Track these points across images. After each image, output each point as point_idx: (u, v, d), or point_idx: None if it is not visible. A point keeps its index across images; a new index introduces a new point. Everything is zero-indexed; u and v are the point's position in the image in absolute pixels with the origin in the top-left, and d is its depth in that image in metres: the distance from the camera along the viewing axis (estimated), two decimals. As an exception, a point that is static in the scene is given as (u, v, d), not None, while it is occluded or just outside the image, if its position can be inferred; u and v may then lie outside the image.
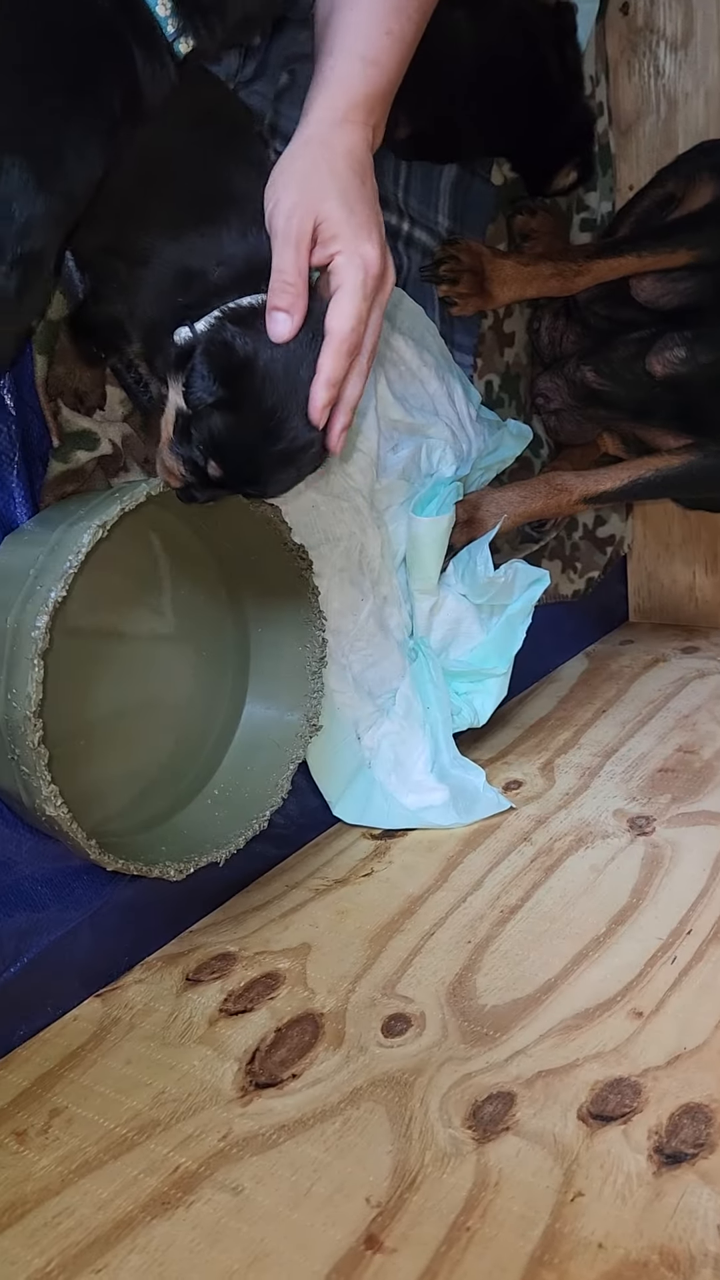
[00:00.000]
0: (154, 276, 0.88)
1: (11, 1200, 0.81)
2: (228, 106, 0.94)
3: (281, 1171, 0.81)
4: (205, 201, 0.88)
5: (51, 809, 0.89)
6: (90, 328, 0.97)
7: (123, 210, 0.87)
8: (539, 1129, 0.81)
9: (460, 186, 1.47)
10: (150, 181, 0.87)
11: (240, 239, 0.88)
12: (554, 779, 1.40)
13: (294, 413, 0.86)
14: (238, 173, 0.90)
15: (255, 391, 0.84)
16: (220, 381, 0.83)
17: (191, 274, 0.87)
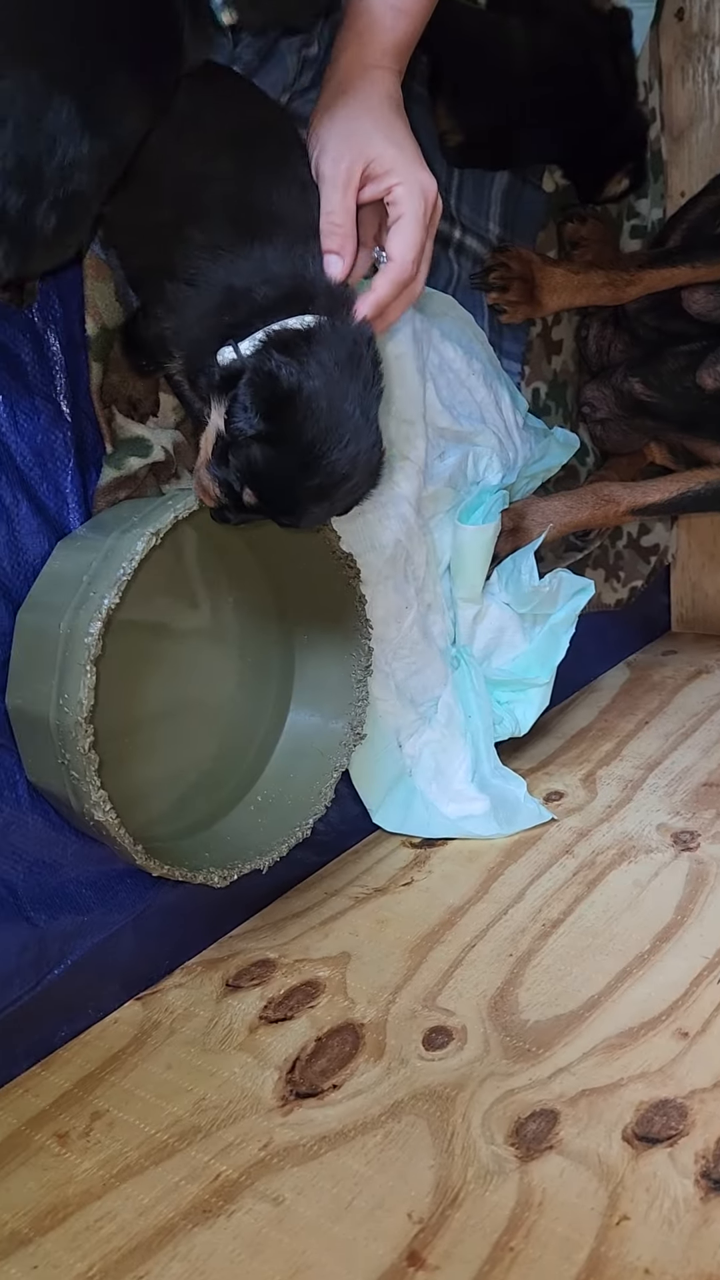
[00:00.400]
0: (200, 296, 0.88)
1: (54, 1203, 0.82)
2: (274, 124, 0.93)
3: (323, 1183, 0.81)
4: (250, 221, 0.87)
5: (100, 814, 0.89)
6: (138, 342, 0.97)
7: (170, 232, 0.87)
8: (583, 1149, 0.81)
9: (511, 193, 1.46)
10: (196, 203, 0.87)
11: (285, 257, 0.88)
12: (596, 791, 1.39)
13: (334, 447, 0.84)
14: (282, 192, 0.90)
15: (297, 425, 0.83)
16: (262, 414, 0.82)
17: (236, 294, 0.86)
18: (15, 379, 0.94)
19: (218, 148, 0.87)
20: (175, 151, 0.86)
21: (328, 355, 0.84)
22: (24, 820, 0.97)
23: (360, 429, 0.86)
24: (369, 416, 0.87)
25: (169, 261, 0.88)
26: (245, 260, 0.87)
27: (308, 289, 0.87)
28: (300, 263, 0.88)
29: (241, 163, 0.88)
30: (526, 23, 1.30)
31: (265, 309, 0.86)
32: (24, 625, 0.95)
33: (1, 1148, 0.88)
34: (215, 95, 0.89)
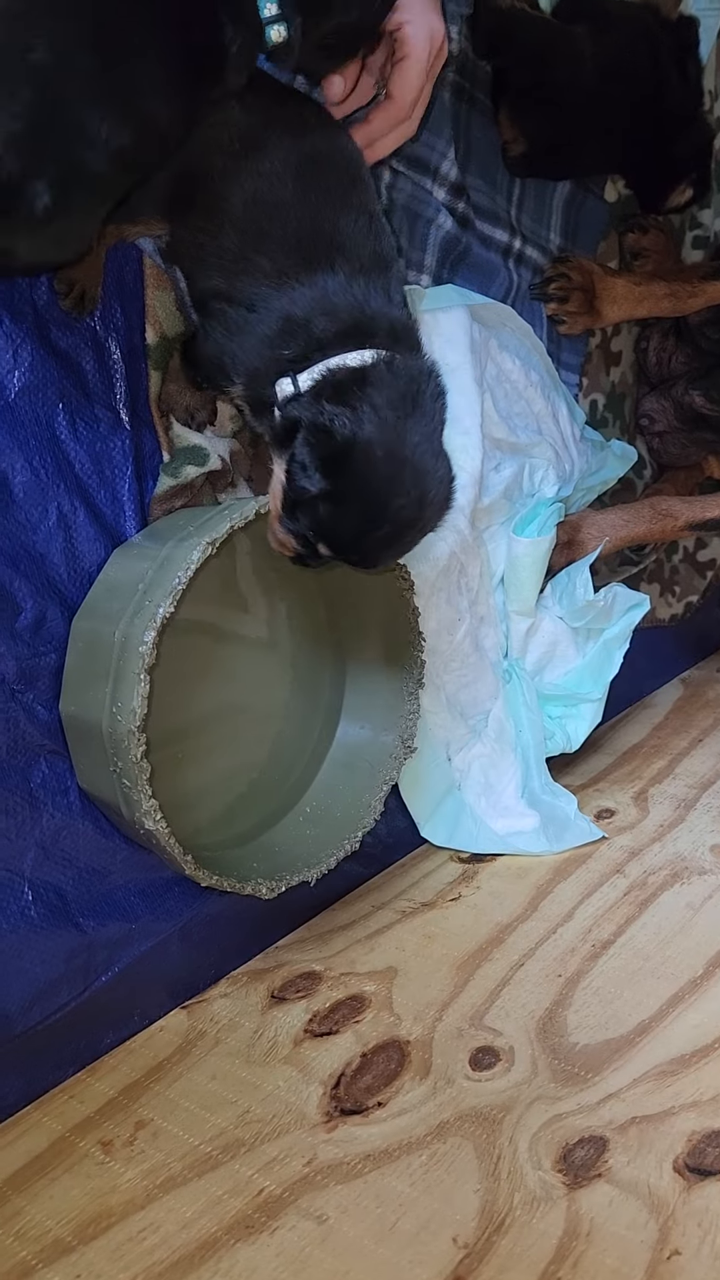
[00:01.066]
0: (260, 324, 0.87)
1: (97, 1212, 0.82)
2: (339, 151, 0.92)
3: (366, 1203, 0.80)
4: (312, 249, 0.87)
5: (150, 823, 0.89)
6: (197, 361, 0.97)
7: (232, 259, 0.87)
8: (633, 1179, 0.79)
9: (573, 203, 1.45)
10: (259, 231, 0.87)
11: (346, 288, 0.87)
12: (648, 809, 1.37)
13: (397, 495, 0.84)
14: (347, 220, 0.89)
15: (357, 480, 0.82)
16: (322, 472, 0.81)
17: (295, 324, 0.86)
18: (76, 387, 0.95)
19: (284, 174, 0.87)
20: (241, 176, 0.86)
21: (383, 398, 0.83)
22: (75, 826, 0.97)
23: (423, 470, 0.85)
24: (434, 452, 0.86)
25: (232, 288, 0.88)
26: (307, 289, 0.86)
27: (368, 323, 0.86)
28: (363, 295, 0.87)
29: (306, 189, 0.88)
30: (592, 31, 1.29)
31: (323, 342, 0.85)
32: (79, 632, 0.95)
33: (46, 1153, 0.89)
34: (282, 119, 0.89)
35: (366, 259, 0.88)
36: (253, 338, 0.88)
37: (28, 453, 0.92)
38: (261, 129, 0.87)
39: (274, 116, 0.88)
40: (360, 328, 0.86)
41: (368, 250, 0.89)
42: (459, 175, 1.25)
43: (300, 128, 0.89)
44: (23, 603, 0.93)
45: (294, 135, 0.88)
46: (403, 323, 0.89)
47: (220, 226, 0.87)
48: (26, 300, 0.90)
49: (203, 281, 0.90)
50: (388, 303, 0.89)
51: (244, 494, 1.08)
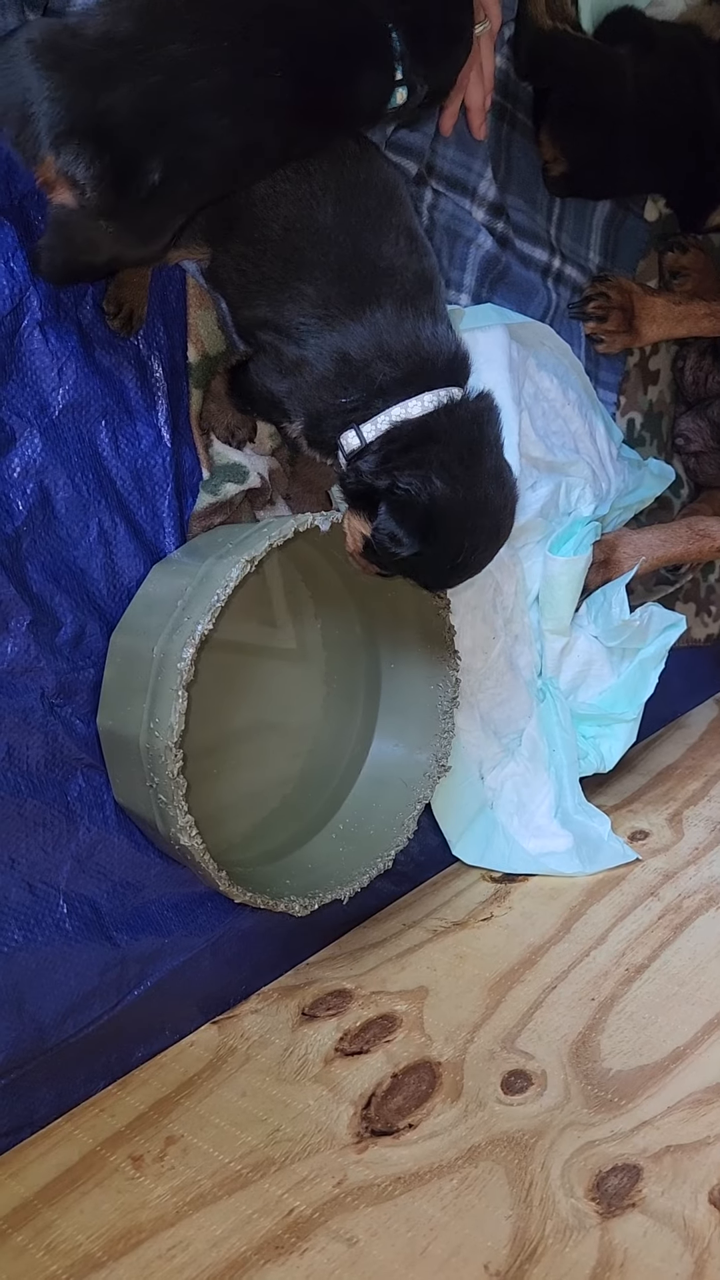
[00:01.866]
0: (315, 366, 0.89)
1: (127, 1227, 0.82)
2: (378, 172, 0.92)
3: (397, 1226, 0.79)
4: (356, 277, 0.88)
5: (186, 839, 0.90)
6: (247, 394, 0.99)
7: (277, 286, 0.88)
8: (667, 1209, 0.78)
9: (613, 222, 1.45)
10: (301, 258, 0.87)
11: (397, 326, 0.88)
12: (682, 831, 1.36)
13: (475, 535, 0.91)
14: (388, 243, 0.90)
15: (441, 535, 0.88)
16: (413, 538, 0.87)
17: (353, 368, 0.88)
18: (119, 404, 0.96)
19: (322, 199, 0.88)
20: (280, 201, 0.87)
21: (450, 453, 0.88)
22: (111, 840, 0.98)
23: (494, 506, 0.92)
24: (499, 481, 0.92)
25: (279, 316, 0.89)
26: (359, 325, 0.87)
27: (427, 366, 0.89)
28: (414, 331, 0.89)
29: (346, 214, 0.88)
30: (635, 52, 1.29)
31: (384, 389, 0.88)
32: (117, 647, 0.96)
33: (77, 1167, 0.89)
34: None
35: (410, 282, 0.89)
36: (309, 380, 0.89)
37: (70, 469, 0.93)
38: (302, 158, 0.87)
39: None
40: (419, 371, 0.88)
41: (411, 272, 0.89)
42: (498, 195, 1.25)
43: (337, 150, 0.90)
44: (63, 617, 0.94)
45: (331, 159, 0.89)
46: (453, 354, 0.91)
47: (262, 253, 0.88)
48: (72, 319, 0.92)
49: (247, 310, 0.91)
50: (435, 330, 0.90)
51: (282, 511, 1.09)
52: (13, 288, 0.87)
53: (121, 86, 0.72)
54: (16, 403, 0.89)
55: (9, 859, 0.91)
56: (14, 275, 0.87)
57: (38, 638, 0.92)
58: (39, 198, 0.87)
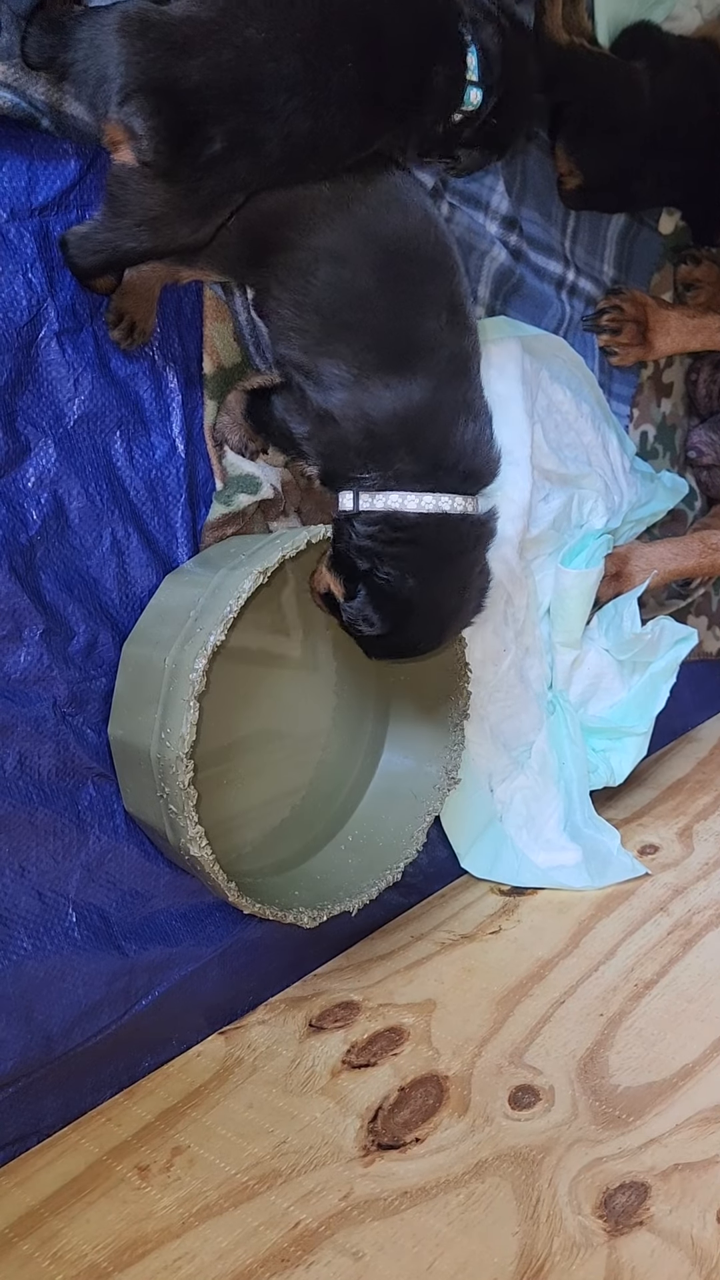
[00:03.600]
0: (340, 424, 0.90)
1: (133, 1238, 0.82)
2: (428, 240, 0.92)
3: (403, 1241, 0.79)
4: (391, 345, 0.89)
5: (196, 849, 0.90)
6: (265, 424, 1.00)
7: (315, 340, 0.90)
8: (675, 1228, 0.77)
9: (627, 235, 1.45)
10: (340, 320, 0.89)
11: (431, 415, 0.90)
12: (692, 846, 1.35)
13: (425, 633, 0.97)
14: (429, 317, 0.90)
15: (410, 626, 0.95)
16: (381, 620, 0.92)
17: (375, 442, 0.90)
18: (134, 415, 0.96)
19: (365, 261, 0.88)
20: (322, 258, 0.88)
21: (429, 559, 0.93)
22: (120, 850, 0.98)
23: (449, 611, 0.97)
24: (469, 585, 0.97)
25: (312, 364, 0.90)
26: (389, 392, 0.89)
27: (444, 468, 0.92)
28: (447, 427, 0.91)
29: (388, 280, 0.89)
30: (650, 66, 1.29)
31: (398, 477, 0.91)
32: (129, 657, 0.96)
33: (84, 1176, 0.89)
34: (373, 195, 0.90)
35: (446, 363, 0.90)
36: (331, 437, 0.92)
37: (84, 479, 0.94)
38: (346, 207, 0.88)
39: (359, 192, 0.89)
40: (434, 470, 0.91)
41: (448, 350, 0.91)
42: (511, 208, 1.26)
43: (388, 205, 0.90)
44: (75, 627, 0.94)
45: (382, 219, 0.89)
46: (475, 463, 0.94)
47: (301, 304, 0.89)
48: (88, 330, 0.92)
49: (283, 347, 0.93)
50: (465, 432, 0.92)
51: (295, 523, 1.09)
52: (30, 299, 0.87)
53: (196, 58, 0.76)
54: (32, 413, 0.90)
55: (19, 867, 0.91)
56: (32, 287, 0.87)
57: (50, 647, 0.92)
58: (58, 209, 0.88)
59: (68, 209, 0.88)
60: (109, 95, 0.76)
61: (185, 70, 0.76)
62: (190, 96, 0.76)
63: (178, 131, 0.77)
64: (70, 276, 0.89)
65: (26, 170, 0.86)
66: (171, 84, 0.76)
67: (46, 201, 0.87)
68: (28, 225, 0.86)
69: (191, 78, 0.76)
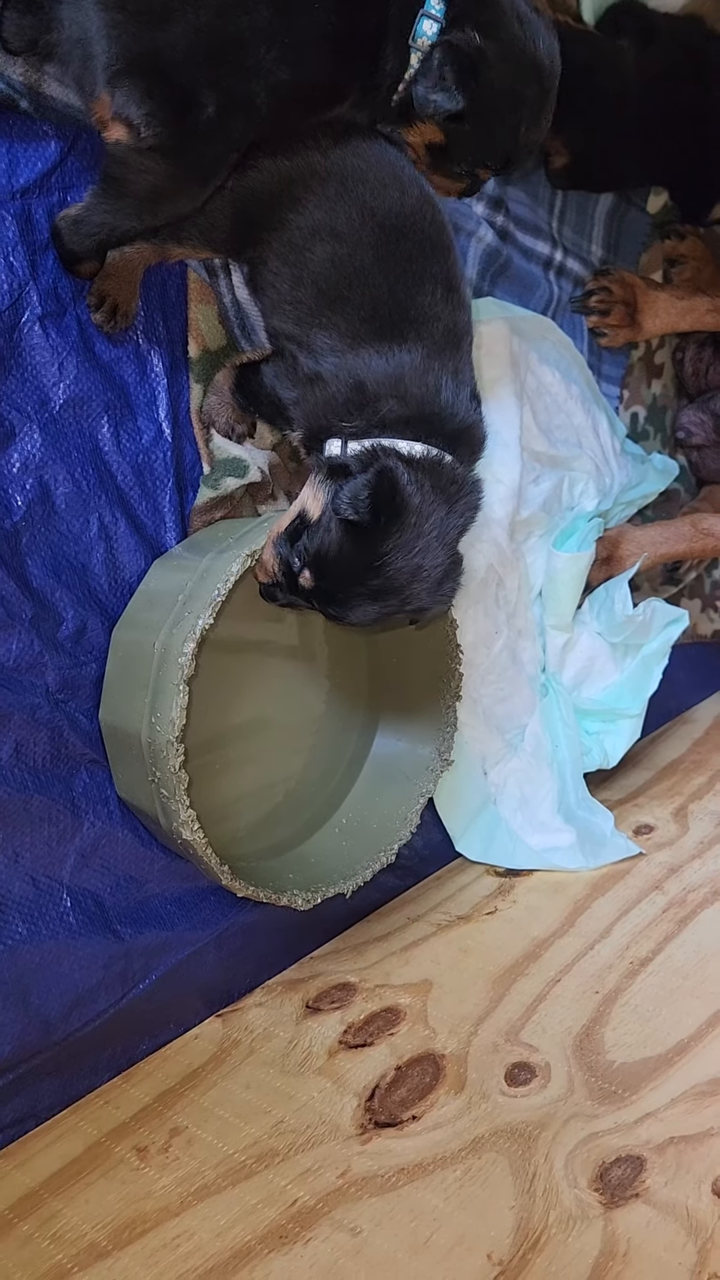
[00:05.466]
0: (329, 384, 0.90)
1: (132, 1217, 0.82)
2: (425, 218, 0.93)
3: (401, 1216, 0.80)
4: (387, 319, 0.89)
5: (188, 833, 0.90)
6: (254, 395, 1.00)
7: (309, 312, 0.90)
8: (671, 1200, 0.78)
9: (615, 215, 1.45)
10: (337, 294, 0.89)
11: (422, 374, 0.89)
12: (687, 825, 1.36)
13: (403, 557, 0.86)
14: (424, 293, 0.91)
15: (387, 531, 0.85)
16: (371, 509, 0.84)
17: (365, 397, 0.88)
18: (120, 400, 0.96)
19: (364, 238, 0.89)
20: (320, 233, 0.88)
21: (432, 482, 0.87)
22: (114, 835, 0.98)
23: (432, 552, 0.88)
24: (445, 543, 0.90)
25: (305, 335, 0.90)
26: (382, 359, 0.89)
27: (434, 419, 0.90)
28: (435, 384, 0.90)
29: (386, 257, 0.89)
30: (636, 44, 1.29)
31: (386, 424, 0.88)
32: (119, 642, 0.96)
33: (83, 1158, 0.89)
34: (366, 174, 0.90)
35: (440, 335, 0.90)
36: (319, 397, 0.91)
37: (70, 464, 0.94)
38: (346, 186, 0.89)
39: (358, 171, 0.89)
40: (425, 420, 0.89)
41: (442, 324, 0.91)
42: (497, 188, 1.25)
43: (385, 184, 0.90)
44: (64, 613, 0.94)
45: (382, 197, 0.89)
46: (465, 425, 0.92)
47: (299, 280, 0.89)
48: (71, 313, 0.92)
49: (276, 320, 0.93)
50: (457, 393, 0.91)
51: (284, 506, 1.09)
52: (12, 283, 0.87)
53: (176, 25, 0.75)
54: (16, 398, 0.89)
55: (13, 853, 0.91)
56: (14, 270, 0.87)
57: (40, 633, 0.92)
58: (40, 192, 0.87)
59: (49, 191, 0.88)
60: (95, 75, 0.76)
61: (169, 39, 0.75)
62: (178, 68, 0.76)
63: (173, 107, 0.77)
64: (53, 260, 0.89)
65: (6, 153, 0.86)
66: (158, 58, 0.75)
67: (28, 184, 0.87)
68: (9, 208, 0.86)
69: (177, 46, 0.75)
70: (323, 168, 0.88)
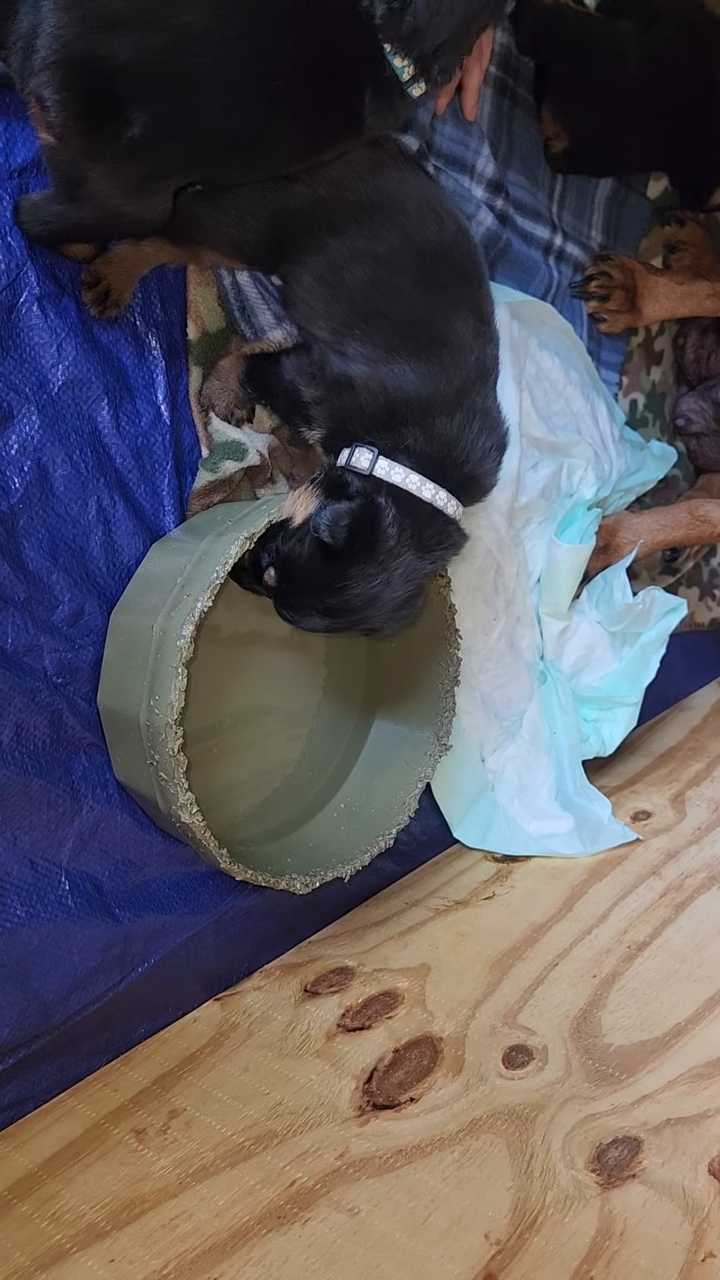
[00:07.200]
0: (359, 394, 0.91)
1: (131, 1198, 0.83)
2: (461, 250, 0.94)
3: (398, 1197, 0.80)
4: (422, 335, 0.90)
5: (187, 816, 0.90)
6: (269, 387, 1.00)
7: (343, 323, 0.90)
8: (667, 1180, 0.78)
9: (615, 200, 1.44)
10: (373, 306, 0.90)
11: (450, 414, 0.91)
12: (684, 812, 1.36)
13: (362, 587, 0.89)
14: (459, 320, 0.92)
15: (355, 561, 0.88)
16: (348, 538, 0.86)
17: (393, 419, 0.90)
18: (118, 382, 0.96)
19: (403, 262, 0.90)
20: (360, 257, 0.89)
21: (414, 531, 0.90)
22: (113, 819, 0.98)
23: (393, 586, 0.91)
24: (409, 580, 0.92)
25: (339, 343, 0.91)
26: (414, 376, 0.90)
27: (451, 464, 0.92)
28: (462, 426, 0.91)
29: (424, 280, 0.91)
30: (637, 27, 1.28)
31: (406, 452, 0.90)
32: (117, 626, 0.96)
33: (81, 1140, 0.90)
34: (411, 205, 0.91)
35: (472, 367, 0.92)
36: (345, 404, 0.92)
37: (68, 447, 0.93)
38: (386, 212, 0.90)
39: (399, 201, 0.91)
40: (440, 461, 0.91)
41: (474, 359, 0.92)
42: (497, 172, 1.25)
43: (425, 214, 0.92)
44: (60, 595, 0.94)
45: (416, 224, 0.91)
46: (477, 475, 0.95)
47: (335, 298, 0.90)
48: (70, 295, 0.92)
49: (310, 328, 0.93)
50: (477, 440, 0.93)
51: (283, 489, 1.09)
52: (9, 262, 0.87)
53: (124, 38, 0.73)
54: (14, 379, 0.89)
55: (11, 837, 0.91)
56: (11, 250, 0.87)
57: (33, 616, 0.92)
58: (38, 171, 0.87)
59: (46, 171, 0.87)
60: (33, 66, 0.74)
61: (111, 48, 0.73)
62: (112, 75, 0.74)
63: (91, 108, 0.74)
64: (50, 240, 0.88)
65: (4, 131, 0.85)
66: (94, 60, 0.73)
67: (25, 163, 0.86)
68: (6, 187, 0.85)
69: (118, 56, 0.73)
70: (365, 196, 0.90)
